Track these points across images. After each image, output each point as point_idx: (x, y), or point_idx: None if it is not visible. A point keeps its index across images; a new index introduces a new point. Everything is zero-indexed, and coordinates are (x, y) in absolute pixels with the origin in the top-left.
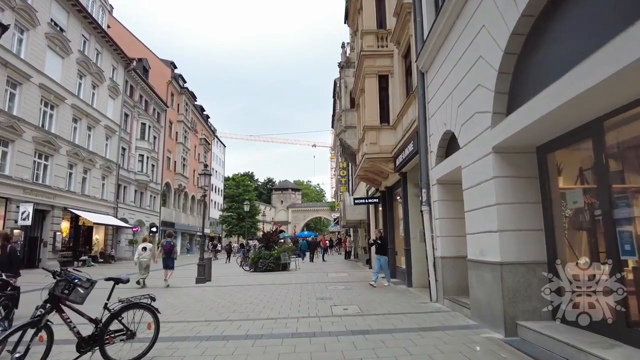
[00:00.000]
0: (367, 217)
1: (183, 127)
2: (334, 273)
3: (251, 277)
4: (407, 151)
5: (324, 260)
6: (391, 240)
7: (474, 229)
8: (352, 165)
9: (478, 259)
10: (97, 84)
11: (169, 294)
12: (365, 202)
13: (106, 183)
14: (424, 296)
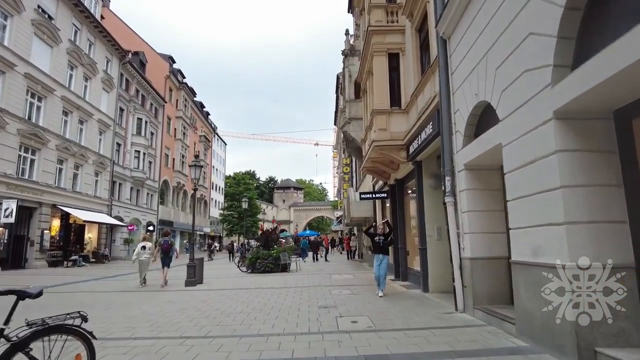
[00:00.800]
0: (373, 214)
1: (182, 123)
2: (338, 275)
3: (247, 279)
4: (423, 135)
5: (327, 261)
6: (401, 239)
7: (523, 222)
8: (356, 161)
9: (530, 261)
10: (89, 76)
11: (150, 299)
12: (372, 197)
13: (100, 180)
14: (446, 304)
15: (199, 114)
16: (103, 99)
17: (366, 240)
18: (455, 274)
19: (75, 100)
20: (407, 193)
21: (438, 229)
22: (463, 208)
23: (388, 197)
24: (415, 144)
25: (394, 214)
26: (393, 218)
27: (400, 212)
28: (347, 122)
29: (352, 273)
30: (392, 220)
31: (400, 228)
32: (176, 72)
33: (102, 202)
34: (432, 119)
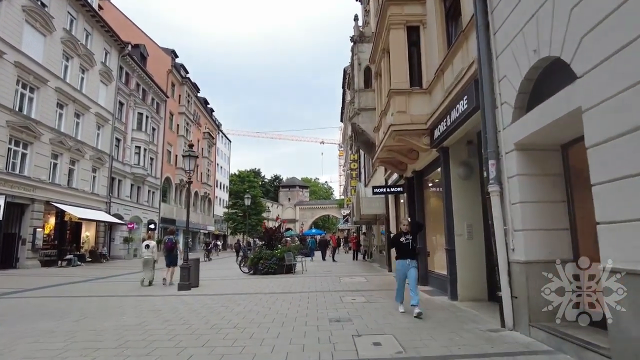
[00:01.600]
0: (385, 211)
1: (185, 119)
2: (348, 277)
3: (248, 282)
4: (454, 114)
5: (335, 261)
6: (420, 238)
7: (625, 214)
8: (365, 155)
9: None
10: (86, 68)
11: (135, 306)
12: (387, 191)
13: (97, 176)
14: (486, 318)
15: (203, 110)
16: (101, 92)
17: (377, 239)
18: (502, 282)
19: (71, 93)
20: (427, 186)
21: (468, 226)
22: (513, 199)
23: (404, 191)
24: (442, 126)
25: (411, 210)
26: (410, 214)
27: (419, 207)
28: (357, 113)
29: (364, 275)
30: (411, 216)
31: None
32: (179, 67)
33: (100, 199)
34: (467, 92)
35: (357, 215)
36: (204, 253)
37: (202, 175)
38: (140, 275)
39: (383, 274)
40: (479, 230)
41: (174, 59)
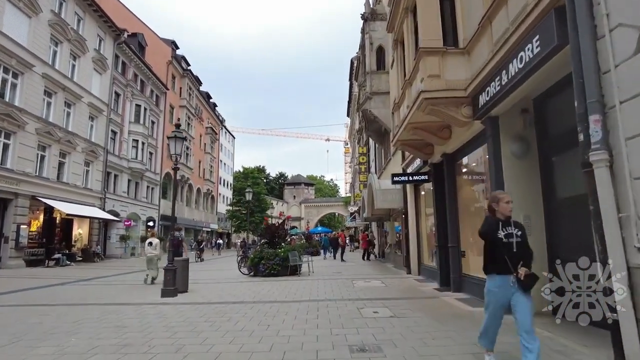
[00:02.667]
0: (403, 205)
1: (186, 112)
2: (362, 281)
3: (246, 286)
4: (511, 70)
5: (343, 260)
6: (452, 235)
7: None
8: (377, 146)
9: None
10: (77, 54)
11: (101, 318)
12: (409, 179)
13: (91, 170)
14: (572, 344)
15: (205, 104)
16: (95, 80)
17: (391, 237)
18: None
19: (61, 80)
20: (461, 172)
21: (526, 219)
22: (637, 171)
23: (430, 179)
24: (493, 88)
25: (438, 202)
26: (437, 207)
27: (450, 198)
28: (368, 97)
29: (380, 278)
30: (437, 211)
31: (451, 221)
32: (179, 59)
33: (94, 194)
34: (540, 30)
35: (369, 210)
36: (196, 253)
37: (205, 172)
38: (132, 276)
39: (402, 277)
40: (538, 223)
41: (175, 51)
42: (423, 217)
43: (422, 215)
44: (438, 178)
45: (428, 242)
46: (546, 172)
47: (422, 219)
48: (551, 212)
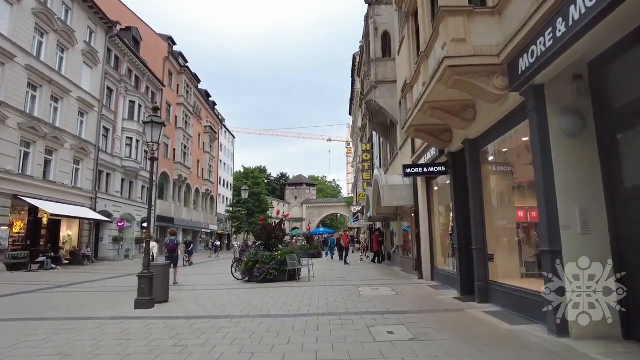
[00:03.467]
0: (413, 202)
1: (184, 110)
2: (369, 288)
3: (236, 295)
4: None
5: (347, 263)
6: (477, 235)
7: None
8: (382, 140)
9: None
10: (65, 47)
11: (45, 339)
12: (424, 171)
13: (81, 168)
14: None
15: (204, 103)
16: (85, 74)
17: (398, 238)
18: None
19: (46, 73)
20: (487, 160)
21: (582, 213)
22: None
23: (447, 171)
24: (536, 49)
25: (458, 198)
26: (457, 202)
27: (474, 192)
28: (373, 87)
29: (389, 284)
30: (456, 208)
31: (475, 217)
32: (177, 55)
33: (84, 194)
34: None
35: (374, 209)
36: (183, 256)
37: (204, 171)
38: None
39: (413, 283)
40: (598, 220)
41: (172, 47)
42: (436, 216)
43: (435, 213)
44: (458, 169)
45: (442, 244)
46: (607, 153)
47: (435, 218)
48: (615, 205)
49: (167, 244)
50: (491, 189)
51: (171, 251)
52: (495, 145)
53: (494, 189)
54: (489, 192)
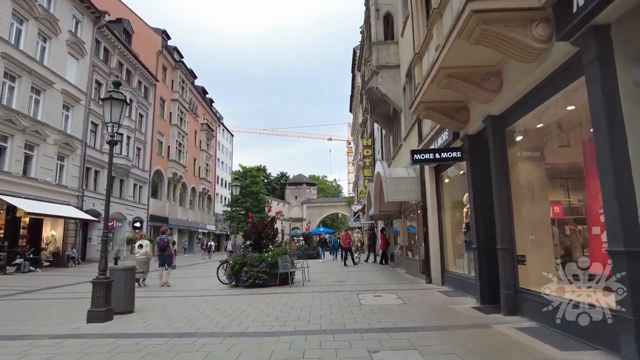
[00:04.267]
0: (420, 196)
1: (179, 107)
2: (372, 295)
3: (216, 303)
4: None
5: (346, 265)
6: (503, 234)
7: None
8: (384, 133)
9: None
10: (48, 35)
11: None
12: (435, 157)
13: (66, 165)
14: None
15: (201, 100)
16: (70, 66)
17: (402, 238)
18: None
19: (26, 62)
20: (514, 141)
21: None
22: None
23: (464, 156)
24: None
25: (477, 186)
26: (476, 193)
27: (499, 180)
28: (375, 72)
29: (393, 289)
30: (477, 197)
31: (500, 212)
32: (171, 50)
33: (70, 192)
34: None
35: (376, 206)
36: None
37: (201, 170)
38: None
39: (421, 288)
40: None
41: (166, 41)
42: (447, 212)
43: (445, 209)
44: (476, 154)
45: (454, 243)
46: None
47: (445, 214)
48: None
49: (158, 243)
50: (521, 175)
51: (162, 250)
52: (527, 120)
53: (526, 175)
54: (517, 180)
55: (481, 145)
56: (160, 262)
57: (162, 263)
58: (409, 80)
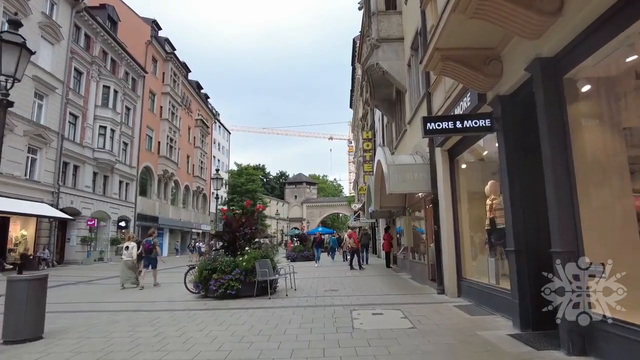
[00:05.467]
0: (431, 187)
1: (170, 101)
2: (370, 311)
3: (165, 323)
4: None
5: (353, 268)
6: (564, 234)
7: None
8: (386, 122)
9: None
10: (15, 14)
11: None
12: (456, 126)
13: (39, 158)
14: None
15: (195, 95)
16: (44, 51)
17: (406, 239)
18: None
19: None
20: (577, 97)
21: None
22: None
23: (496, 125)
24: None
25: (514, 168)
26: (512, 178)
27: (555, 155)
28: (375, 46)
29: (397, 303)
30: (514, 183)
31: (557, 202)
32: (162, 41)
33: (43, 188)
34: None
35: (377, 201)
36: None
37: (194, 168)
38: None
39: (433, 300)
40: None
41: (156, 31)
42: (464, 205)
43: (461, 201)
44: (513, 121)
45: (472, 245)
46: None
47: (462, 208)
48: None
49: (144, 244)
50: (588, 148)
51: (147, 252)
52: (594, 64)
53: (593, 148)
54: (583, 154)
55: (519, 109)
56: (145, 263)
57: (146, 264)
58: (415, 54)
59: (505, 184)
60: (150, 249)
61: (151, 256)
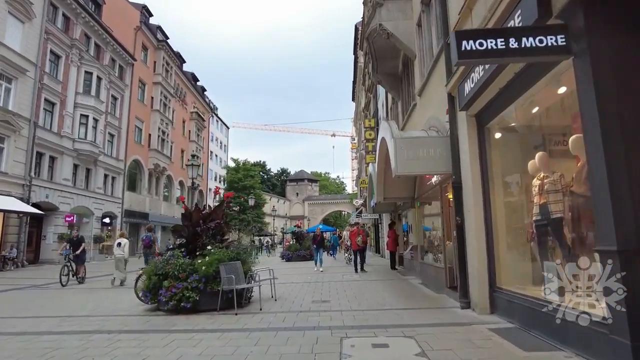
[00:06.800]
0: (452, 167)
1: (162, 91)
2: (367, 338)
3: (73, 355)
4: None
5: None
6: None
7: None
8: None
9: None
10: None
11: None
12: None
13: (6, 147)
14: None
15: (190, 87)
16: (12, 29)
17: (415, 236)
18: None
19: None
20: None
21: None
22: None
23: (574, 47)
24: None
25: (609, 119)
26: (607, 136)
27: None
28: (378, 4)
29: (406, 323)
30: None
31: None
32: (154, 29)
33: (11, 180)
34: None
35: (380, 191)
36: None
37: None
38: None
39: (455, 319)
40: None
41: (147, 17)
42: (498, 189)
43: (495, 184)
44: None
45: (515, 244)
46: None
47: (495, 193)
48: None
49: (143, 240)
50: None
51: (147, 247)
52: None
53: None
54: None
55: (613, 20)
56: (146, 259)
57: (146, 261)
58: (426, 9)
59: (595, 144)
60: (150, 245)
61: (150, 252)
